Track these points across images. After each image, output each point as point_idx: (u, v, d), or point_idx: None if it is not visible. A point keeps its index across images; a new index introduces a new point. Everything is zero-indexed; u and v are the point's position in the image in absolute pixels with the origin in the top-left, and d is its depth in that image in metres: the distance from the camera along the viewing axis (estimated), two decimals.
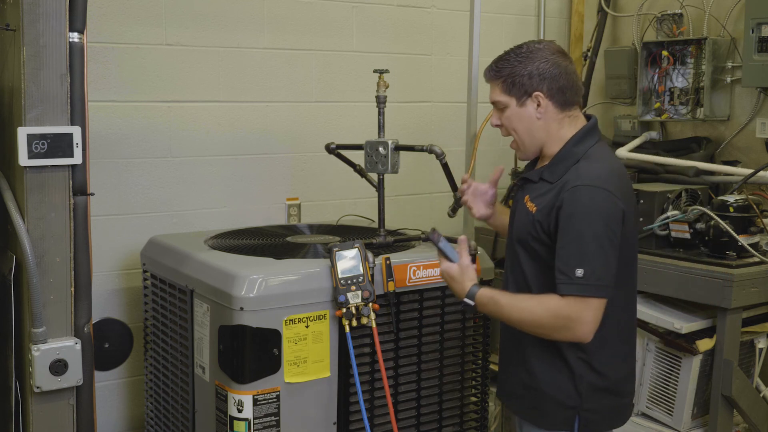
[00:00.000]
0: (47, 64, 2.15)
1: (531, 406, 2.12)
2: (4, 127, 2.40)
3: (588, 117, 2.15)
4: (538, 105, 2.06)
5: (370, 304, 2.36)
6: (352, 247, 2.39)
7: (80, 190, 2.24)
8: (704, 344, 2.71)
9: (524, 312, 2.00)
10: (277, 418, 2.31)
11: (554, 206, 1.98)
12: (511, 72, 2.06)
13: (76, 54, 2.20)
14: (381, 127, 2.72)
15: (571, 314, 1.93)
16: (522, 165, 3.36)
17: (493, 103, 2.14)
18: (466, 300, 2.09)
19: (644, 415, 2.89)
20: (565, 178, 2.01)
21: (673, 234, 2.87)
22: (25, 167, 2.15)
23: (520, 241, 2.10)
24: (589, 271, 1.91)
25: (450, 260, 2.14)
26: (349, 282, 2.35)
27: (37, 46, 2.13)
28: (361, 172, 3.00)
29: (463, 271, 2.11)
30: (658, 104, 3.69)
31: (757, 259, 2.70)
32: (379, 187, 2.74)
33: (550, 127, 2.08)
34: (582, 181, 1.96)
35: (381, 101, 2.70)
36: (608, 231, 1.93)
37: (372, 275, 2.39)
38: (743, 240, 2.69)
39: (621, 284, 2.01)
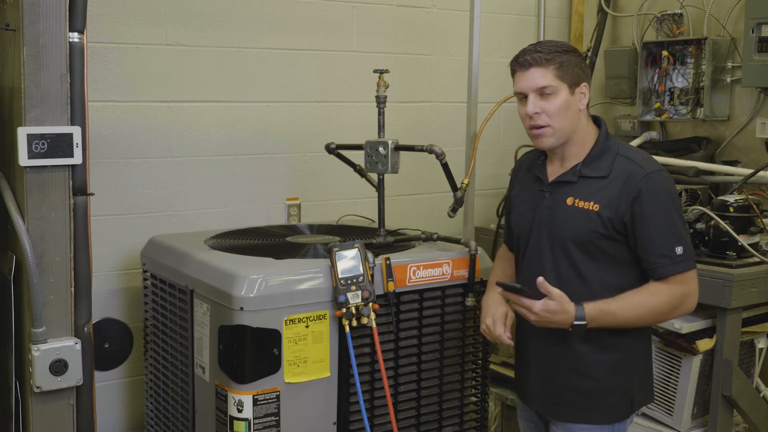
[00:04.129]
0: (47, 64, 2.15)
1: (592, 406, 2.13)
2: (4, 127, 2.40)
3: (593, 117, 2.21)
4: (583, 96, 2.10)
5: (370, 304, 2.36)
6: (352, 247, 2.39)
7: (80, 190, 2.24)
8: (704, 344, 2.71)
9: (641, 309, 2.05)
10: (277, 418, 2.31)
11: (627, 197, 2.04)
12: (566, 59, 2.05)
13: (76, 54, 2.20)
14: (381, 127, 2.72)
15: (682, 292, 2.05)
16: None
17: (541, 88, 2.04)
18: (576, 323, 2.02)
19: (644, 415, 2.89)
20: (620, 169, 2.07)
21: None
22: (25, 167, 2.15)
23: (578, 244, 2.08)
24: (685, 245, 2.05)
25: (535, 298, 2.03)
26: (349, 282, 2.35)
27: (37, 46, 2.13)
28: (361, 172, 3.00)
29: (560, 300, 2.01)
30: (658, 104, 3.69)
31: (757, 259, 2.70)
32: (379, 187, 2.74)
33: (581, 120, 2.12)
34: (650, 167, 2.07)
35: (381, 101, 2.70)
36: (681, 205, 2.13)
37: (372, 275, 2.39)
38: (743, 240, 2.69)
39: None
